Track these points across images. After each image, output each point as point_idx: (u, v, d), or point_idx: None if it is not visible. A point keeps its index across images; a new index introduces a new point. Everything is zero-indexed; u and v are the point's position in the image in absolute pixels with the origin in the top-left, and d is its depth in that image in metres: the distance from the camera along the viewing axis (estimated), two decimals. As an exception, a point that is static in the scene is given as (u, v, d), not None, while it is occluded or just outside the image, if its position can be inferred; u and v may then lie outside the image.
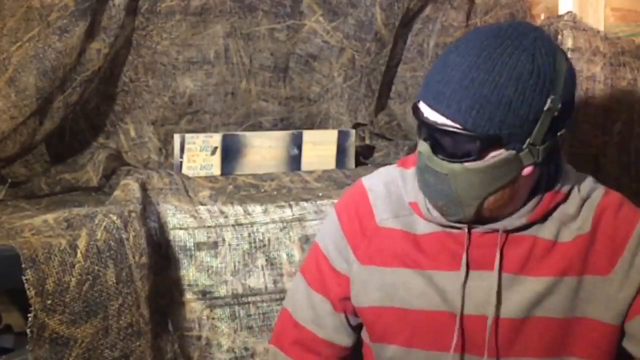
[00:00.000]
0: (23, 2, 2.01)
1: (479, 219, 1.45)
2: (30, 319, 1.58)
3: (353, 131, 2.32)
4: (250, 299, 1.85)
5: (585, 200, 1.49)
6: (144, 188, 1.83)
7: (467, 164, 1.38)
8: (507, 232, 1.47)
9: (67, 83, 2.05)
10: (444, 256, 1.50)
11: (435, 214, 1.50)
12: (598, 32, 2.02)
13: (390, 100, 2.53)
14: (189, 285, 1.82)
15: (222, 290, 1.84)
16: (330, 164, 2.29)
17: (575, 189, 1.50)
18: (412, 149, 2.40)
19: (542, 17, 2.23)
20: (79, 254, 1.64)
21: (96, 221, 1.69)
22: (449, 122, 1.36)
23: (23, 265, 1.58)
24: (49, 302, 1.60)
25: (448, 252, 1.49)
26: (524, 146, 1.37)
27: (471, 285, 1.47)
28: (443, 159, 1.39)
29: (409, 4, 2.37)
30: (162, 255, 1.79)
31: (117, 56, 2.24)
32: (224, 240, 1.84)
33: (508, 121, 1.34)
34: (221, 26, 2.35)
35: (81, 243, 1.65)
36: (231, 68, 2.38)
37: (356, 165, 2.33)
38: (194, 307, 1.82)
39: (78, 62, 2.06)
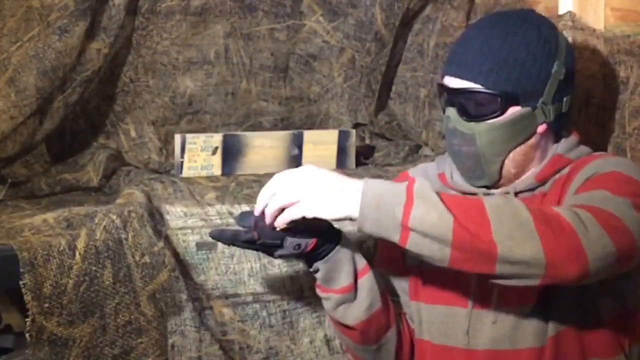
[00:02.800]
0: (23, 2, 2.01)
1: (499, 183, 1.62)
2: (28, 322, 1.59)
3: (353, 131, 2.32)
4: (269, 297, 1.85)
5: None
6: (149, 199, 1.83)
7: (490, 121, 1.56)
8: (518, 192, 1.61)
9: (67, 83, 2.06)
10: None
11: (458, 179, 1.67)
12: (596, 31, 2.02)
13: (391, 100, 2.53)
14: (213, 288, 1.82)
15: (242, 291, 1.84)
16: (331, 164, 2.29)
17: (583, 157, 1.63)
18: (413, 149, 2.40)
19: (542, 17, 2.22)
20: (77, 256, 1.64)
21: (96, 221, 1.70)
22: (472, 84, 1.56)
23: (21, 270, 1.58)
24: (47, 305, 1.61)
25: None
26: (537, 104, 1.57)
27: None
28: (469, 120, 1.57)
29: (409, 4, 2.37)
30: (180, 260, 1.79)
31: (117, 56, 2.24)
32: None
33: (523, 80, 1.56)
34: (221, 26, 2.35)
35: (80, 244, 1.65)
36: (231, 68, 2.38)
37: (356, 166, 2.32)
38: (222, 310, 1.82)
39: (78, 62, 2.06)
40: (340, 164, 2.29)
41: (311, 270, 1.61)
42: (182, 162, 2.13)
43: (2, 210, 1.87)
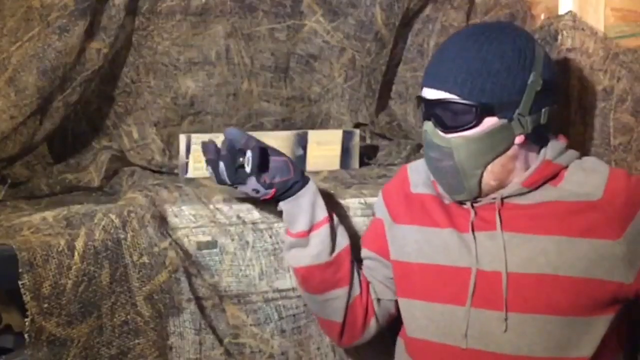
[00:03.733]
0: (23, 2, 2.02)
1: (480, 195, 1.63)
2: (27, 323, 1.59)
3: (357, 131, 2.33)
4: (280, 302, 1.86)
5: (591, 171, 1.61)
6: (152, 202, 1.83)
7: (466, 134, 1.57)
8: (505, 198, 1.62)
9: (67, 83, 2.06)
10: (461, 220, 1.66)
11: (444, 193, 1.68)
12: (597, 32, 2.01)
13: (391, 100, 2.53)
14: (226, 290, 1.82)
15: (254, 294, 1.84)
16: (335, 164, 2.29)
17: (576, 162, 1.64)
18: (414, 148, 2.40)
19: (542, 17, 2.22)
20: (76, 256, 1.64)
21: (95, 220, 1.70)
22: (448, 95, 1.57)
23: (20, 270, 1.58)
24: (45, 305, 1.61)
25: (463, 218, 1.66)
26: (514, 115, 1.57)
27: (483, 245, 1.61)
28: (446, 132, 1.58)
29: (409, 4, 2.37)
30: (192, 262, 1.79)
31: (117, 57, 2.24)
32: (247, 242, 1.84)
33: (497, 91, 1.56)
34: (222, 26, 2.35)
35: (79, 244, 1.65)
36: (232, 69, 2.38)
37: (360, 166, 2.33)
38: (233, 313, 1.82)
39: (78, 62, 2.06)
40: (345, 164, 2.30)
41: (278, 209, 1.77)
42: (187, 163, 2.13)
43: (2, 210, 1.87)
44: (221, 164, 1.72)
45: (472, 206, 1.64)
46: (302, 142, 2.25)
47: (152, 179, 2.12)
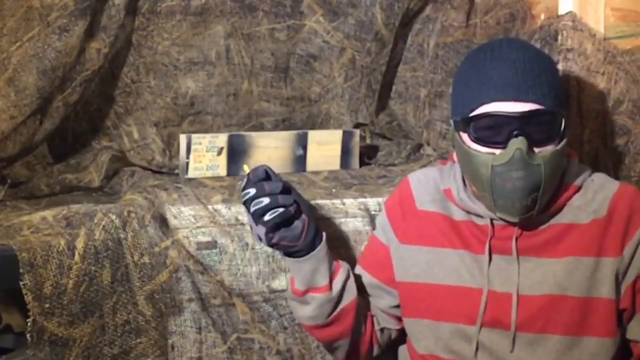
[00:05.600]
0: (23, 2, 2.02)
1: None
2: (29, 323, 1.59)
3: (357, 131, 2.33)
4: (277, 301, 1.86)
5: (600, 188, 1.60)
6: (152, 202, 1.83)
7: (551, 147, 1.51)
8: (531, 228, 1.58)
9: (67, 83, 2.06)
10: (475, 240, 1.62)
11: (466, 199, 1.63)
12: (595, 34, 2.01)
13: (391, 100, 2.53)
14: (232, 288, 1.82)
15: (254, 292, 1.84)
16: (335, 164, 2.29)
17: (589, 180, 1.62)
18: (414, 148, 2.40)
19: (542, 17, 2.22)
20: (76, 256, 1.64)
21: (95, 220, 1.70)
22: (538, 106, 1.49)
23: (21, 270, 1.59)
24: (47, 305, 1.61)
25: (476, 238, 1.62)
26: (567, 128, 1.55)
27: (495, 267, 1.58)
28: (539, 146, 1.49)
29: (409, 4, 2.37)
30: (196, 261, 1.79)
31: (117, 57, 2.24)
32: (247, 244, 1.83)
33: (564, 102, 1.56)
34: (222, 26, 2.35)
35: (79, 244, 1.65)
36: (232, 69, 2.38)
37: (360, 166, 2.33)
38: (242, 309, 1.82)
39: (78, 62, 2.06)
40: (345, 164, 2.30)
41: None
42: (187, 163, 2.13)
43: (2, 210, 1.87)
44: (253, 191, 1.63)
45: (492, 226, 1.60)
46: (302, 142, 2.25)
47: (152, 179, 2.12)
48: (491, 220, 1.59)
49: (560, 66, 1.98)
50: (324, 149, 2.28)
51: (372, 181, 2.15)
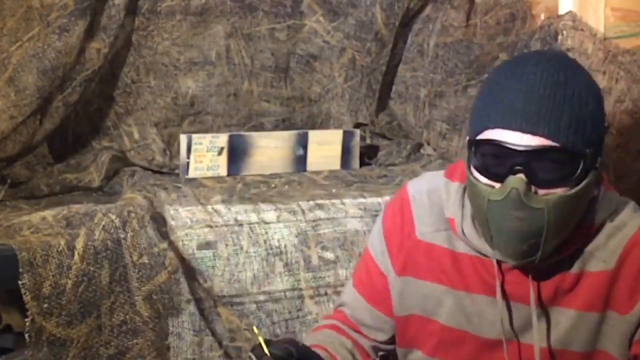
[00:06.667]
0: (23, 2, 2.02)
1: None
2: (27, 323, 1.59)
3: (358, 131, 2.33)
4: (271, 306, 1.84)
5: (615, 231, 1.40)
6: (151, 203, 1.82)
7: (563, 190, 1.29)
8: (542, 269, 1.40)
9: (66, 82, 2.06)
10: (476, 279, 1.45)
11: (471, 234, 1.43)
12: (596, 33, 2.02)
13: (391, 100, 2.53)
14: (219, 296, 1.81)
15: (246, 299, 1.83)
16: (335, 164, 2.29)
17: (610, 220, 1.40)
18: (414, 147, 2.40)
19: (542, 17, 2.22)
20: (76, 256, 1.64)
21: (95, 220, 1.69)
22: (549, 142, 1.26)
23: (20, 270, 1.58)
24: (46, 305, 1.61)
25: (479, 276, 1.45)
26: (597, 165, 1.33)
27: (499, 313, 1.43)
28: (543, 187, 1.29)
29: (409, 4, 2.37)
30: (186, 264, 1.78)
31: (117, 57, 2.24)
32: (241, 248, 1.83)
33: (594, 138, 1.30)
34: (222, 26, 2.35)
35: (79, 244, 1.65)
36: (233, 69, 2.38)
37: (360, 166, 2.33)
38: (228, 317, 1.82)
39: (78, 62, 2.07)
40: (345, 164, 2.30)
41: None
42: (188, 163, 2.13)
43: (2, 210, 1.87)
44: None
45: (500, 267, 1.41)
46: (302, 142, 2.25)
47: (152, 179, 2.12)
48: (497, 260, 1.40)
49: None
50: (325, 149, 2.28)
51: (373, 181, 2.15)
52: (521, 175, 1.27)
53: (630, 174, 1.98)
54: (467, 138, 1.37)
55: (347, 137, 2.30)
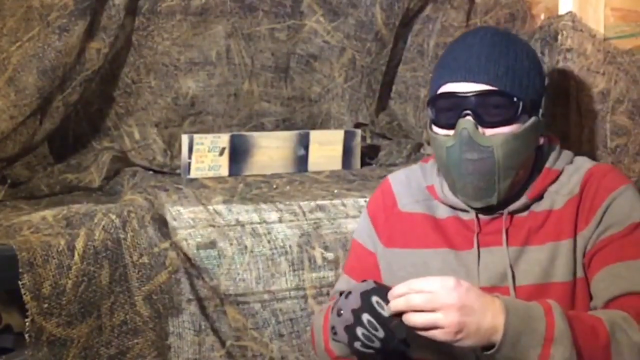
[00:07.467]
0: (23, 2, 2.02)
1: (498, 203, 1.55)
2: (27, 323, 1.59)
3: (359, 131, 2.34)
4: (276, 305, 1.85)
5: (575, 171, 1.60)
6: (152, 204, 1.82)
7: (507, 130, 1.50)
8: (510, 214, 1.57)
9: (66, 82, 2.06)
10: (458, 239, 1.60)
11: (449, 194, 1.61)
12: (595, 34, 2.01)
13: (391, 100, 2.53)
14: (225, 294, 1.81)
15: (251, 298, 1.83)
16: (337, 164, 2.29)
17: (570, 165, 1.61)
18: (415, 147, 2.40)
19: (542, 17, 2.22)
20: (76, 256, 1.64)
21: (95, 220, 1.70)
22: (489, 87, 1.50)
23: (20, 270, 1.58)
24: (46, 305, 1.61)
25: (461, 234, 1.60)
26: (539, 115, 1.55)
27: (483, 262, 1.57)
28: (489, 127, 1.50)
29: (409, 4, 2.37)
30: (193, 265, 1.79)
31: (118, 57, 2.25)
32: (245, 247, 1.83)
33: (530, 88, 1.53)
34: (222, 26, 2.35)
35: (79, 244, 1.65)
36: (233, 69, 2.38)
37: (361, 166, 2.33)
38: (235, 316, 1.82)
39: (78, 62, 2.07)
40: (346, 164, 2.30)
41: None
42: (189, 163, 2.13)
43: (2, 210, 1.87)
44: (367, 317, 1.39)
45: (478, 220, 1.58)
46: (304, 142, 2.25)
47: (153, 180, 2.12)
48: (476, 214, 1.58)
49: (560, 66, 1.99)
50: (326, 149, 2.28)
51: (374, 181, 2.15)
52: (469, 118, 1.50)
53: (629, 176, 1.97)
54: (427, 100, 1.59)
55: (349, 137, 2.30)
